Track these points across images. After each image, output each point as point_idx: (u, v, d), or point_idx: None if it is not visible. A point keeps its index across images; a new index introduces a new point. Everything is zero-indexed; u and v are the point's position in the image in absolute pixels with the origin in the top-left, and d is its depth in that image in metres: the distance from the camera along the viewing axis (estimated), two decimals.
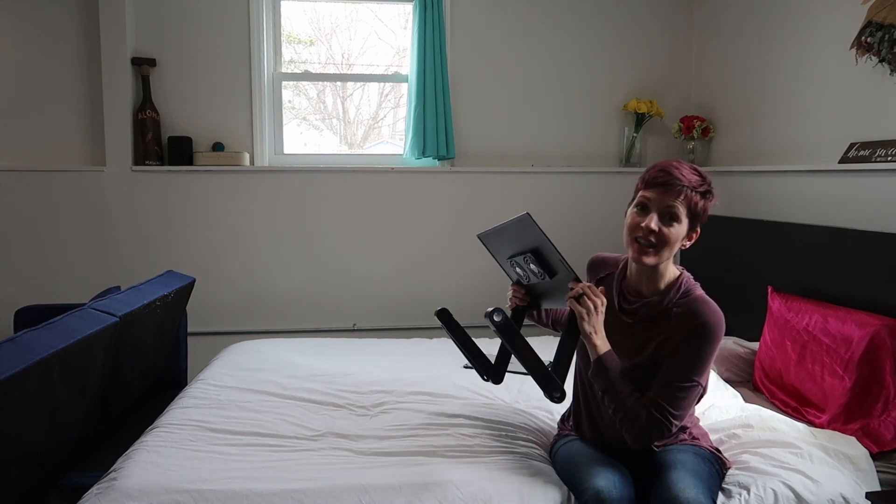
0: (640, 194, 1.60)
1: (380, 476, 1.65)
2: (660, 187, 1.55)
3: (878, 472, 1.76)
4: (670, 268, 1.63)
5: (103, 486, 1.60)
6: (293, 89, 3.63)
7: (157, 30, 3.25)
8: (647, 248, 1.56)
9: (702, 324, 1.53)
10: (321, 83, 3.71)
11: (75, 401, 1.79)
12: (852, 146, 2.42)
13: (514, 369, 1.75)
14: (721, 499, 1.59)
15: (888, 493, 1.64)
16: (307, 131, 3.72)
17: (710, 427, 1.92)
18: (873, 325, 1.99)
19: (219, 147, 3.30)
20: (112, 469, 1.70)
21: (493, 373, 1.71)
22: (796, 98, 2.79)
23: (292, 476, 1.65)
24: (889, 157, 2.23)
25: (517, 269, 1.65)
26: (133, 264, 3.25)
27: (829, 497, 1.60)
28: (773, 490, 1.60)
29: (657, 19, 3.55)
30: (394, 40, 3.62)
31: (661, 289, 1.62)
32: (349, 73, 3.68)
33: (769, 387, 2.34)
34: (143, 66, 3.20)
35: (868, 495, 1.60)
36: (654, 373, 1.57)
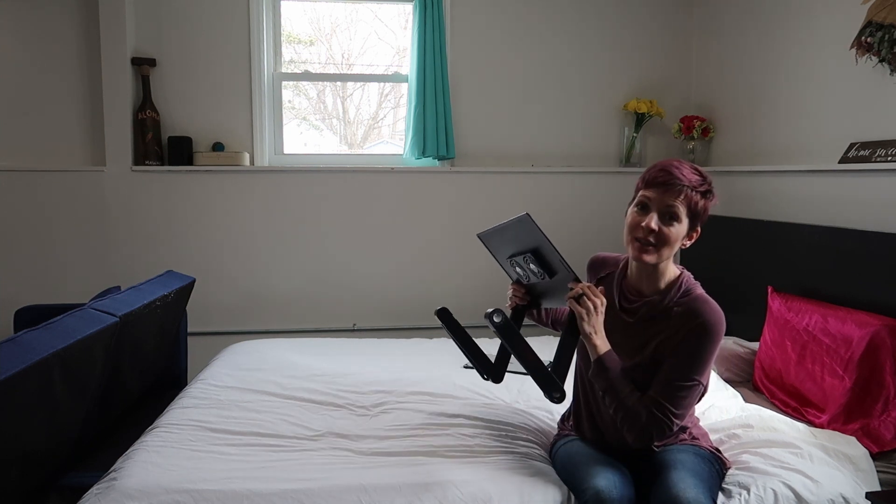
0: (640, 194, 1.60)
1: (380, 476, 1.65)
2: (660, 187, 1.55)
3: (878, 472, 1.76)
4: (671, 267, 1.64)
5: (103, 486, 1.60)
6: (293, 89, 3.63)
7: (157, 30, 3.25)
8: (647, 247, 1.56)
9: (702, 323, 1.53)
10: (321, 83, 3.71)
11: (75, 401, 1.79)
12: (852, 146, 2.42)
13: (514, 369, 1.75)
14: (721, 499, 1.59)
15: (888, 493, 1.63)
16: (307, 131, 3.72)
17: (710, 427, 1.92)
18: (873, 325, 1.99)
19: (219, 147, 3.30)
20: (112, 469, 1.70)
21: (493, 372, 1.71)
22: (796, 98, 2.79)
23: (292, 476, 1.65)
24: (889, 157, 2.23)
25: (517, 269, 1.65)
26: (133, 264, 3.25)
27: (829, 497, 1.60)
28: (773, 490, 1.60)
29: (657, 19, 3.55)
30: (394, 40, 3.62)
31: (661, 288, 1.62)
32: (349, 73, 3.68)
33: (769, 387, 2.34)
34: (143, 66, 3.20)
35: (868, 495, 1.60)
36: (654, 372, 1.57)
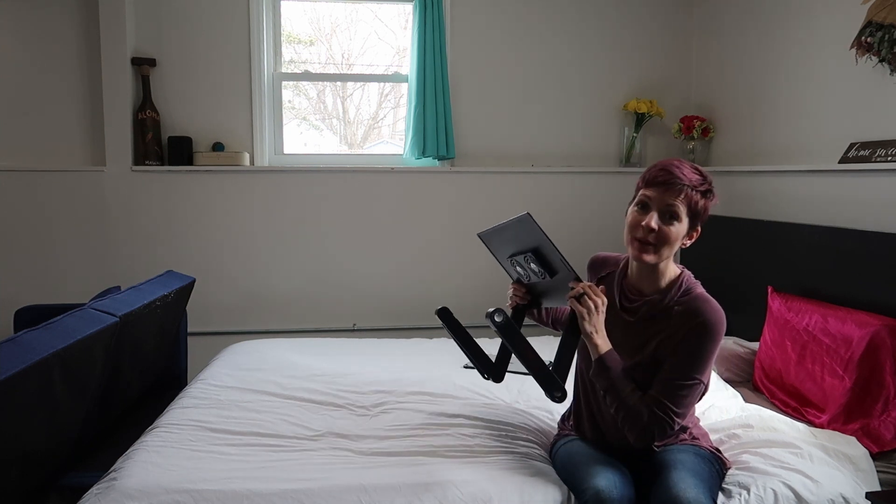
0: (640, 193, 1.60)
1: (380, 476, 1.65)
2: (660, 186, 1.55)
3: (878, 472, 1.76)
4: (671, 266, 1.64)
5: (103, 486, 1.60)
6: (293, 89, 3.63)
7: (157, 30, 3.25)
8: (647, 246, 1.56)
9: (703, 322, 1.53)
10: (321, 83, 3.71)
11: (75, 401, 1.79)
12: (852, 146, 2.42)
13: (515, 369, 1.75)
14: (721, 499, 1.59)
15: (888, 493, 1.63)
16: (307, 131, 3.72)
17: (710, 427, 1.92)
18: (873, 325, 1.99)
19: (219, 147, 3.30)
20: (112, 469, 1.70)
21: (493, 372, 1.71)
22: (796, 98, 2.79)
23: (292, 476, 1.65)
24: (889, 157, 2.23)
25: (518, 269, 1.65)
26: (133, 264, 3.25)
27: (829, 497, 1.60)
28: (773, 490, 1.60)
29: (657, 19, 3.55)
30: (394, 40, 3.62)
31: (661, 287, 1.62)
32: (349, 73, 3.68)
33: (769, 387, 2.34)
34: (143, 66, 3.20)
35: (868, 495, 1.60)
36: (655, 371, 1.57)
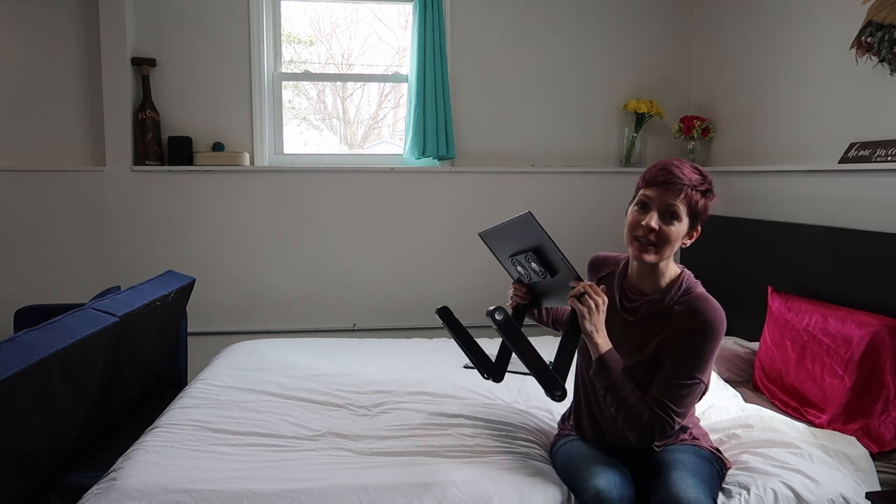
0: (640, 192, 1.60)
1: (380, 476, 1.65)
2: (660, 186, 1.55)
3: (878, 472, 1.76)
4: (671, 266, 1.64)
5: (103, 486, 1.60)
6: (293, 89, 3.63)
7: (157, 30, 3.25)
8: (647, 246, 1.56)
9: (703, 321, 1.54)
10: (321, 83, 3.71)
11: (75, 401, 1.79)
12: (852, 146, 2.42)
13: (515, 370, 1.75)
14: (721, 499, 1.59)
15: (888, 493, 1.63)
16: (307, 131, 3.72)
17: (710, 427, 1.92)
18: (873, 325, 1.99)
19: (219, 147, 3.30)
20: (112, 469, 1.70)
21: (493, 371, 1.71)
22: (796, 98, 2.79)
23: (292, 476, 1.65)
24: (889, 157, 2.23)
25: (518, 268, 1.65)
26: (133, 264, 3.25)
27: (829, 497, 1.60)
28: (773, 490, 1.60)
29: (657, 19, 3.55)
30: (394, 40, 3.62)
31: (662, 287, 1.62)
32: (349, 73, 3.68)
33: (769, 387, 2.34)
34: (143, 66, 3.20)
35: (868, 495, 1.60)
36: (655, 371, 1.57)
